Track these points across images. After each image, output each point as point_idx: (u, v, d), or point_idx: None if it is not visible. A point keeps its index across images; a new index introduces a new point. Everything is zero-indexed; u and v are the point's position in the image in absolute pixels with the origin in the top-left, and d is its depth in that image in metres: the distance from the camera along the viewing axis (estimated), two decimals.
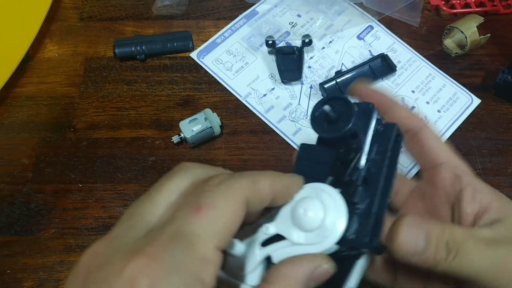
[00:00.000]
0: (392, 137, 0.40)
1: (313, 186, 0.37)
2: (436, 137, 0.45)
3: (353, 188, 0.37)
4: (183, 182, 0.34)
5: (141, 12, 0.73)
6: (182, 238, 0.29)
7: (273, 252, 0.36)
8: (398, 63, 0.68)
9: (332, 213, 0.35)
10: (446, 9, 0.72)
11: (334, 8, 0.72)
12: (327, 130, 0.40)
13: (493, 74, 0.67)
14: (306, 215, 0.35)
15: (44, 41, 0.70)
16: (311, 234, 0.36)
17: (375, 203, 0.37)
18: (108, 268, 0.29)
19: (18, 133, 0.63)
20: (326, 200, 0.36)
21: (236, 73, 0.67)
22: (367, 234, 0.36)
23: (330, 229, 0.35)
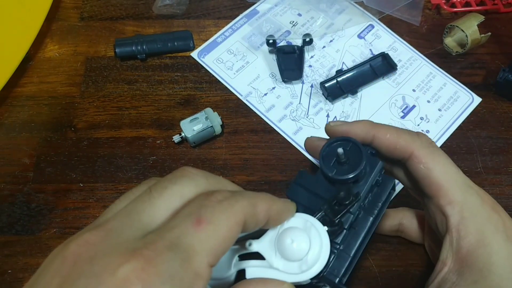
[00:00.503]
0: (387, 191, 0.42)
1: (304, 218, 0.38)
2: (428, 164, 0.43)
3: (339, 230, 0.39)
4: (186, 190, 0.34)
5: (141, 11, 0.73)
6: (180, 248, 0.29)
7: (249, 267, 0.38)
8: (399, 62, 0.68)
9: (316, 250, 0.37)
10: (447, 8, 0.72)
11: (334, 7, 0.72)
12: (335, 171, 0.41)
13: (493, 73, 0.67)
14: (292, 245, 0.36)
15: (45, 40, 0.70)
16: (291, 264, 0.37)
17: (354, 248, 0.39)
18: (101, 263, 0.28)
19: (19, 133, 0.63)
20: (313, 236, 0.37)
21: (236, 73, 0.67)
22: (337, 275, 0.38)
23: (310, 264, 0.36)
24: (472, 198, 0.42)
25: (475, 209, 0.41)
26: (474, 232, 0.40)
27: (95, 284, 0.27)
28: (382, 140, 0.44)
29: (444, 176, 0.42)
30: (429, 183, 0.43)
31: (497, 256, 0.40)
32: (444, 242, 0.42)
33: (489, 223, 0.41)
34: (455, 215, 0.41)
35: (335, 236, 0.39)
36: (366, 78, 0.66)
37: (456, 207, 0.41)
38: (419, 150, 0.43)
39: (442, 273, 0.41)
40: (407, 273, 0.55)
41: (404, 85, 0.66)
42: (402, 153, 0.44)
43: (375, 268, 0.55)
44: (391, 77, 0.67)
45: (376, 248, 0.56)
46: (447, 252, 0.41)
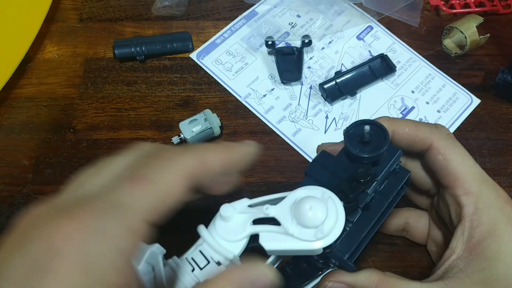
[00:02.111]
0: (402, 182, 0.43)
1: (323, 191, 0.39)
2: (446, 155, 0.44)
3: (355, 208, 0.40)
4: (131, 157, 0.34)
5: (140, 13, 0.73)
6: (114, 207, 0.30)
7: (263, 232, 0.38)
8: (398, 63, 0.68)
9: (332, 220, 0.37)
10: (446, 9, 0.72)
11: (333, 8, 0.72)
12: (358, 149, 0.41)
13: (492, 74, 0.67)
14: (309, 212, 0.37)
15: (44, 42, 0.70)
16: (306, 231, 0.37)
17: (366, 229, 0.40)
18: (42, 228, 0.29)
19: (18, 134, 0.63)
20: (330, 207, 0.38)
21: (235, 74, 0.67)
22: (347, 252, 0.39)
23: (325, 233, 0.37)
24: (488, 190, 0.43)
25: (490, 201, 0.42)
26: (486, 223, 0.42)
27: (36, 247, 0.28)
28: (401, 134, 0.45)
29: (462, 167, 0.44)
30: (447, 173, 0.44)
31: (506, 246, 0.41)
32: (456, 231, 0.42)
33: (502, 215, 0.42)
34: (469, 205, 0.42)
35: (349, 213, 0.39)
36: (365, 80, 0.66)
37: (471, 198, 0.42)
38: (438, 141, 0.44)
39: (450, 259, 0.42)
40: (406, 274, 0.55)
41: (403, 87, 0.66)
42: (422, 145, 0.45)
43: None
44: (390, 79, 0.67)
45: (376, 249, 0.56)
46: (458, 241, 0.42)
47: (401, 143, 0.45)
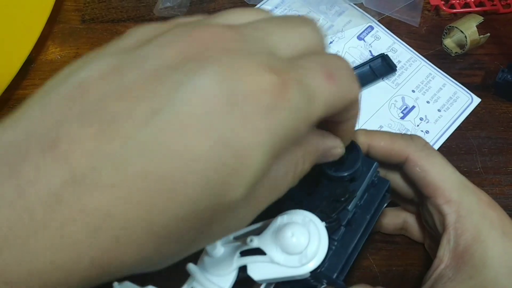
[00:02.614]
0: (382, 192, 0.43)
1: (303, 214, 0.39)
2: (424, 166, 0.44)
3: (337, 226, 0.40)
4: (309, 36, 0.29)
5: (142, 14, 0.73)
6: (308, 88, 0.26)
7: (250, 263, 0.38)
8: (398, 63, 0.68)
9: (315, 243, 0.37)
10: (446, 9, 0.72)
11: (334, 9, 0.73)
12: (333, 169, 0.42)
13: (493, 73, 0.67)
14: (292, 239, 0.37)
15: (47, 43, 0.71)
16: (291, 258, 0.37)
17: (351, 245, 0.40)
18: (239, 63, 0.24)
19: None
20: (312, 231, 0.38)
21: None
22: (335, 270, 0.39)
23: (309, 258, 0.37)
24: (469, 197, 0.43)
25: (471, 207, 0.42)
26: (470, 229, 0.41)
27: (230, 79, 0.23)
28: (377, 148, 0.45)
29: (440, 176, 0.44)
30: (426, 184, 0.44)
31: (492, 251, 0.41)
32: (442, 240, 0.43)
33: (485, 219, 0.42)
34: (452, 214, 0.42)
35: (332, 232, 0.40)
36: (366, 79, 0.66)
37: (453, 206, 0.42)
38: (414, 153, 0.44)
39: (438, 269, 0.42)
40: (407, 273, 0.55)
41: (403, 86, 0.67)
42: (398, 158, 0.45)
43: (375, 267, 0.56)
44: (391, 78, 0.67)
45: (376, 247, 0.57)
46: (444, 250, 0.42)
47: (377, 156, 0.46)
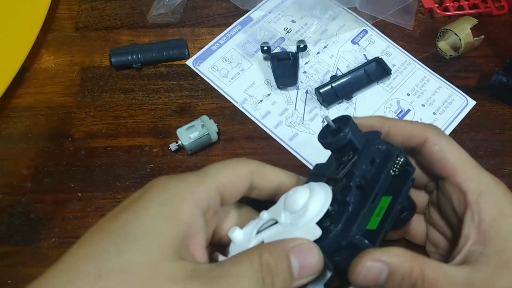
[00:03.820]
0: (394, 157, 0.43)
1: (309, 184, 0.41)
2: (442, 146, 0.45)
3: (347, 189, 0.40)
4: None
5: (136, 21, 0.73)
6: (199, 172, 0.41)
7: (266, 237, 0.40)
8: (393, 66, 0.68)
9: (317, 199, 0.39)
10: (440, 12, 0.72)
11: (328, 13, 0.73)
12: (326, 137, 0.43)
13: (487, 76, 0.67)
14: (293, 196, 0.39)
15: (40, 51, 0.71)
16: (295, 215, 0.39)
17: (366, 207, 0.40)
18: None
19: (17, 144, 0.64)
20: (315, 189, 0.39)
21: (232, 80, 0.68)
22: (348, 230, 0.38)
23: (311, 211, 0.38)
24: (487, 177, 0.44)
25: (491, 185, 0.43)
26: (493, 205, 0.42)
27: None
28: (397, 129, 0.46)
29: (459, 156, 0.44)
30: (445, 163, 0.44)
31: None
32: (465, 217, 0.42)
33: (505, 197, 0.43)
34: (473, 190, 0.43)
35: (344, 195, 0.40)
36: (361, 83, 0.66)
37: (473, 183, 0.43)
38: (433, 135, 0.45)
39: (467, 246, 0.41)
40: None
41: (398, 90, 0.67)
42: (417, 139, 0.45)
43: None
44: (386, 82, 0.67)
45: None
46: (469, 226, 0.42)
47: (397, 138, 0.46)
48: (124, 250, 0.33)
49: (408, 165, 0.44)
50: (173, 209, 0.36)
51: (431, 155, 0.45)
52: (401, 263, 0.38)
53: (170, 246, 0.34)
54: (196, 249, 0.37)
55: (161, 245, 0.34)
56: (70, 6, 0.75)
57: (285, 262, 0.37)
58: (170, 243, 0.34)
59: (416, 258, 0.39)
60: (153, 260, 0.33)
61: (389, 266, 0.38)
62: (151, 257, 0.33)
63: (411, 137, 0.46)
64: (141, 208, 0.36)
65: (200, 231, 0.37)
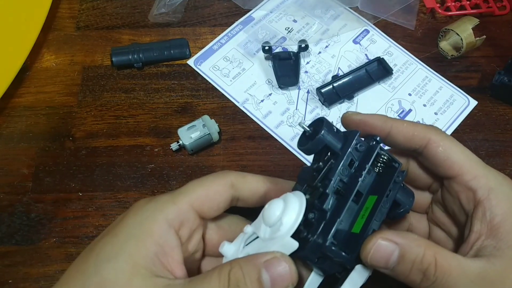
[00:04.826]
0: (372, 156, 0.42)
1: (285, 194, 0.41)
2: (446, 147, 0.44)
3: (324, 196, 0.40)
4: None
5: (137, 20, 0.73)
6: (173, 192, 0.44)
7: (250, 250, 0.41)
8: (395, 66, 0.68)
9: (291, 211, 0.39)
10: (441, 12, 0.72)
11: (329, 13, 0.73)
12: (304, 143, 0.43)
13: (489, 76, 0.67)
14: (268, 209, 0.40)
15: (41, 51, 0.71)
16: (273, 228, 0.39)
17: (342, 213, 0.39)
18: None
19: (17, 143, 0.63)
20: (289, 201, 0.39)
21: (233, 80, 0.67)
22: (324, 237, 0.38)
23: (285, 225, 0.38)
24: (493, 172, 0.43)
25: (499, 180, 0.43)
26: (504, 200, 0.42)
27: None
28: (400, 129, 0.45)
29: (463, 155, 0.44)
30: (451, 163, 0.44)
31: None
32: (475, 215, 0.42)
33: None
34: (482, 188, 0.42)
35: (321, 201, 0.39)
36: (362, 83, 0.66)
37: (482, 180, 0.43)
38: (436, 136, 0.44)
39: (479, 241, 0.41)
40: None
41: (400, 89, 0.67)
42: (420, 139, 0.45)
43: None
44: (387, 82, 0.67)
45: None
46: (480, 223, 0.41)
47: (399, 138, 0.45)
48: (100, 269, 0.37)
49: (392, 161, 0.43)
50: (144, 231, 0.39)
51: (435, 156, 0.44)
52: (413, 247, 0.38)
53: (142, 265, 0.37)
54: (173, 265, 0.39)
55: (134, 264, 0.37)
56: (71, 6, 0.75)
57: (255, 276, 0.37)
58: (142, 262, 0.37)
59: (430, 245, 0.39)
60: (126, 277, 0.36)
61: (400, 247, 0.38)
62: (124, 275, 0.36)
63: (413, 138, 0.45)
64: (117, 231, 0.39)
65: (175, 248, 0.40)
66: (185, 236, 0.42)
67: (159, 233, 0.39)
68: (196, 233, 0.44)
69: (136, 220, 0.40)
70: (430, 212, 0.51)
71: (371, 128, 0.45)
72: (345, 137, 0.42)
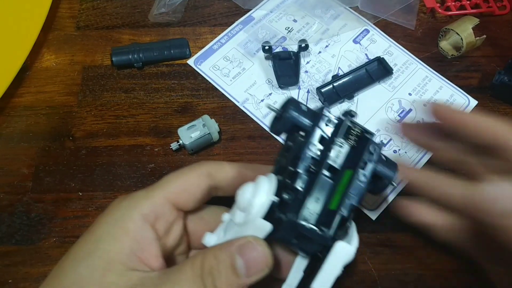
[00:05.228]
0: (342, 130, 0.42)
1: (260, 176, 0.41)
2: None
3: (295, 175, 0.40)
4: None
5: (137, 20, 0.73)
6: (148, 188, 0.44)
7: (229, 238, 0.40)
8: (395, 66, 0.68)
9: (261, 193, 0.38)
10: (442, 12, 0.72)
11: (329, 12, 0.73)
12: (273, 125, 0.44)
13: (489, 75, 0.67)
14: (240, 194, 0.40)
15: (41, 50, 0.71)
16: (245, 213, 0.39)
17: (313, 190, 0.39)
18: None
19: (17, 143, 0.63)
20: (259, 183, 0.39)
21: (233, 79, 0.67)
22: (297, 215, 0.38)
23: (256, 206, 0.38)
24: None
25: None
26: None
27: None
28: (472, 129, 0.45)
29: None
30: None
31: None
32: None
33: None
34: None
35: (292, 180, 0.39)
36: (362, 83, 0.66)
37: None
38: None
39: None
40: (406, 276, 0.55)
41: (400, 89, 0.67)
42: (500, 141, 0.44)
43: (374, 271, 0.56)
44: (387, 81, 0.67)
45: (375, 251, 0.57)
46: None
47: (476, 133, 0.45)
48: (76, 267, 0.38)
49: (365, 132, 0.43)
50: (119, 228, 0.40)
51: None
52: None
53: (117, 260, 0.38)
54: (151, 259, 0.40)
55: (108, 260, 0.38)
56: (71, 5, 0.75)
57: (228, 262, 0.37)
58: (117, 257, 0.38)
59: None
60: (100, 273, 0.37)
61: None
62: (98, 272, 0.37)
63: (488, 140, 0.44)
64: (94, 229, 0.41)
65: (152, 242, 0.41)
66: (162, 230, 0.42)
67: (134, 229, 0.40)
68: (175, 226, 0.44)
69: (111, 218, 0.41)
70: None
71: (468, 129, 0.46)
72: (315, 115, 0.42)
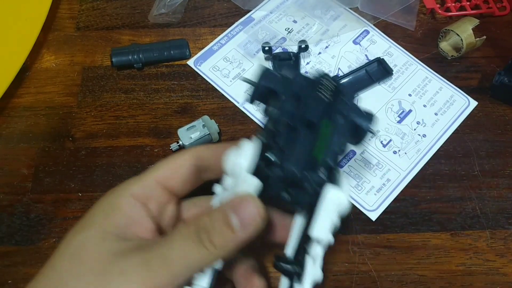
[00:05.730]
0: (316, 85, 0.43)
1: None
2: None
3: (275, 133, 0.40)
4: None
5: (137, 20, 0.73)
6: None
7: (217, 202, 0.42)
8: (395, 67, 0.68)
9: (245, 151, 0.40)
10: (442, 12, 0.72)
11: (329, 13, 0.73)
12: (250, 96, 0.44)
13: (489, 76, 0.67)
14: (225, 159, 0.41)
15: (41, 51, 0.71)
16: (233, 176, 0.40)
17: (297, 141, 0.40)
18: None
19: (17, 144, 0.63)
20: (243, 145, 0.40)
21: (233, 80, 0.67)
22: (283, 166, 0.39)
23: (241, 164, 0.39)
24: None
25: None
26: None
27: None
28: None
29: None
30: None
31: None
32: None
33: None
34: None
35: (274, 138, 0.40)
36: (362, 84, 0.66)
37: None
38: None
39: None
40: (405, 277, 0.55)
41: (400, 90, 0.67)
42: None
43: (373, 272, 0.55)
44: (387, 82, 0.67)
45: (375, 252, 0.56)
46: None
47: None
48: (72, 240, 0.40)
49: (339, 86, 0.43)
50: (112, 205, 0.42)
51: None
52: None
53: (111, 232, 0.40)
54: (146, 233, 0.42)
55: (103, 231, 0.40)
56: (71, 6, 0.75)
57: (221, 219, 0.38)
58: (111, 229, 0.40)
59: None
60: (96, 242, 0.39)
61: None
62: (94, 240, 0.39)
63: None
64: (92, 209, 0.43)
65: (144, 218, 0.42)
66: (154, 210, 0.43)
67: (126, 207, 0.42)
68: (167, 208, 0.45)
69: (105, 199, 0.43)
70: None
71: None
72: (289, 79, 0.43)
